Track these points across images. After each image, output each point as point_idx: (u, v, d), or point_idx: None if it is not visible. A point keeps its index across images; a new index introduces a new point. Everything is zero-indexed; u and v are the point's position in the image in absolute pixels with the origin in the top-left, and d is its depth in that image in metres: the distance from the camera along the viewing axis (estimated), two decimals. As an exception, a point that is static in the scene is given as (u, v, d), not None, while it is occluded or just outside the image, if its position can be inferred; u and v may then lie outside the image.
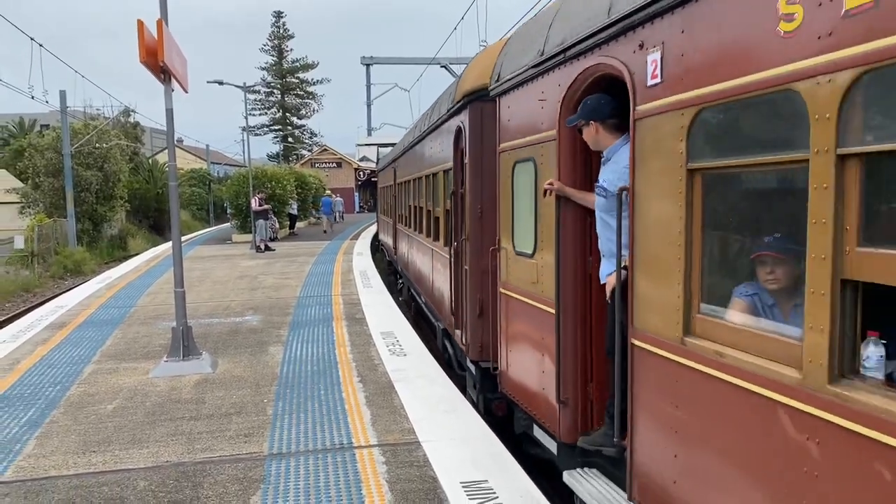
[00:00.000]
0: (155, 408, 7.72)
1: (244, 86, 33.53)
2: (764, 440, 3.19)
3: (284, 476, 5.82)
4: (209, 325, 12.25)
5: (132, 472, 6.00)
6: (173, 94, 9.28)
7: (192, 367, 9.17)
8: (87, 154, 34.76)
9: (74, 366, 9.60)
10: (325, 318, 12.67)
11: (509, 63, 6.71)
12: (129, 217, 44.72)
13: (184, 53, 9.78)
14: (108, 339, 11.33)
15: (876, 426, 2.59)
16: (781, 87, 3.04)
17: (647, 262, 4.23)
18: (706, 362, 3.59)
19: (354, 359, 9.60)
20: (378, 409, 7.43)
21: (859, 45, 2.63)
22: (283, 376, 8.83)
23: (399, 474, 5.77)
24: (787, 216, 3.43)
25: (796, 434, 2.99)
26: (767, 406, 3.14)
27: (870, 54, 2.59)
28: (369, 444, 6.45)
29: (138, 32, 8.31)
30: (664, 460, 4.05)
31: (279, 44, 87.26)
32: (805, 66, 2.90)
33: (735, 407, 3.39)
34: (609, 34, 4.59)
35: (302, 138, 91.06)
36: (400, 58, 54.16)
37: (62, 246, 31.76)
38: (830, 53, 2.76)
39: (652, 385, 4.21)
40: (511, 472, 5.78)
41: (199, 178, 61.86)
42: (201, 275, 19.61)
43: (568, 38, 5.22)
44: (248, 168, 32.03)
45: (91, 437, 6.86)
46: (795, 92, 2.96)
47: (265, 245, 27.11)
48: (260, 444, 6.55)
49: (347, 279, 17.99)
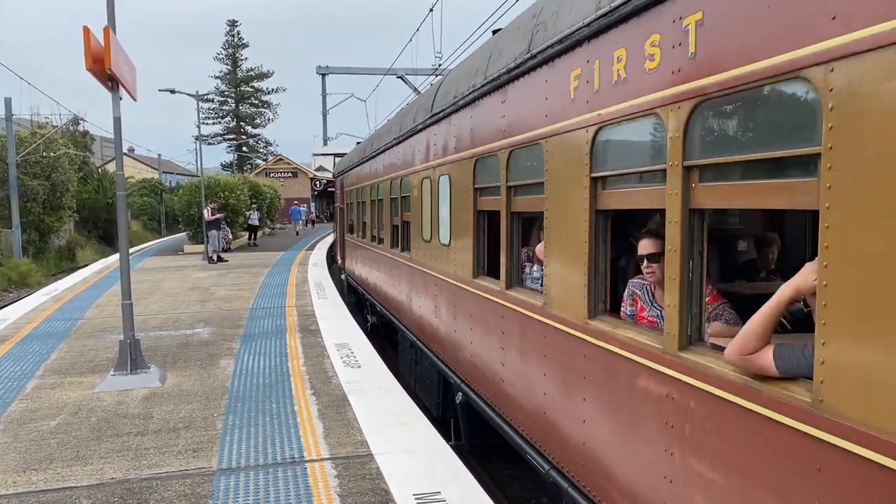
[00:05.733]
0: (100, 423, 7.52)
1: (197, 94, 33.07)
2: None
3: (234, 491, 5.71)
4: (158, 337, 12.01)
5: (75, 490, 5.83)
6: (123, 103, 9.11)
7: (140, 381, 8.96)
8: (34, 163, 33.85)
9: (16, 381, 9.31)
10: (278, 329, 12.52)
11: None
12: (78, 227, 43.63)
13: (132, 61, 9.61)
14: (52, 352, 11.02)
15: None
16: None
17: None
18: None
19: (308, 371, 9.49)
20: (331, 422, 7.36)
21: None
22: (234, 390, 8.68)
23: (351, 488, 5.71)
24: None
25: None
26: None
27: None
28: (321, 458, 6.37)
29: (84, 39, 8.13)
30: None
31: (233, 52, 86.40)
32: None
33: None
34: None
35: (257, 148, 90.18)
36: (356, 68, 53.95)
37: (6, 257, 30.80)
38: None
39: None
40: (465, 483, 5.76)
41: (151, 187, 60.79)
42: (151, 286, 19.22)
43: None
44: (201, 178, 31.57)
45: (32, 454, 6.65)
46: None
47: (218, 256, 26.71)
48: (209, 459, 6.42)
49: (302, 290, 17.82)
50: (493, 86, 6.43)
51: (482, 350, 7.13)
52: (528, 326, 5.82)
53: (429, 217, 9.28)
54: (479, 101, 6.95)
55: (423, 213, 9.62)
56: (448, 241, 8.31)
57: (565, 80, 4.93)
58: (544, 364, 5.52)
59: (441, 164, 8.53)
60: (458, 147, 7.84)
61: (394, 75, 34.65)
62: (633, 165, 4.36)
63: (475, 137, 7.18)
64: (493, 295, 6.67)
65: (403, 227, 11.53)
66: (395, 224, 12.24)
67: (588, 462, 4.81)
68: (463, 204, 7.66)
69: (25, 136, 35.14)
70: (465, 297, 7.63)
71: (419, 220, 9.86)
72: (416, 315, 10.29)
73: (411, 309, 10.63)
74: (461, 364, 7.91)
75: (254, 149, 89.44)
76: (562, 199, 5.11)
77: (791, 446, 2.91)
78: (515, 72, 5.82)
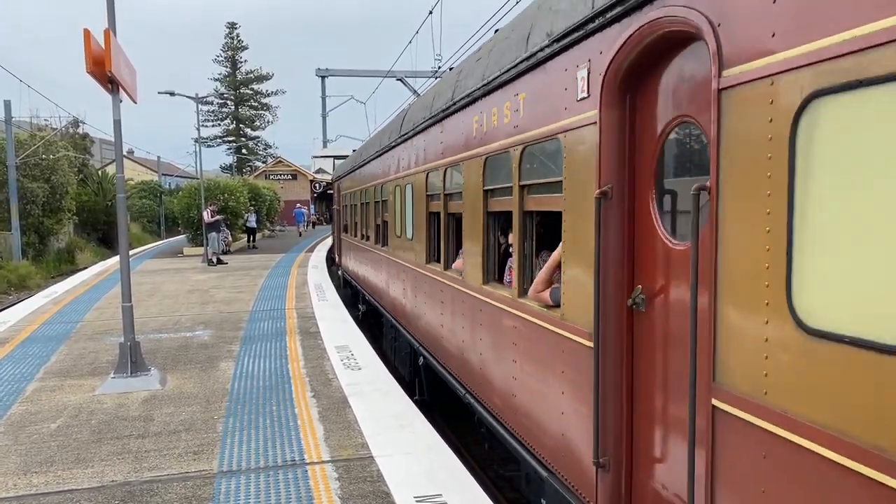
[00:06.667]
0: (101, 426, 7.51)
1: (196, 97, 33.07)
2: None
3: (234, 494, 5.71)
4: (158, 340, 12.00)
5: (76, 492, 5.83)
6: (123, 105, 9.11)
7: (140, 383, 8.96)
8: (34, 165, 33.85)
9: (16, 383, 9.30)
10: (278, 332, 12.52)
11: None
12: (78, 230, 43.61)
13: (132, 63, 9.61)
14: (53, 355, 11.01)
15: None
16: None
17: None
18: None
19: (308, 373, 9.49)
20: (331, 425, 7.35)
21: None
22: (234, 392, 8.68)
23: (352, 490, 5.70)
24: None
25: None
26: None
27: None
28: (322, 460, 6.37)
29: (84, 42, 8.13)
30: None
31: (233, 55, 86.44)
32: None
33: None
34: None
35: (256, 150, 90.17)
36: (356, 70, 54.02)
37: (6, 260, 30.79)
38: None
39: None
40: (466, 485, 5.76)
41: (150, 189, 60.76)
42: (151, 289, 19.22)
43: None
44: (201, 180, 31.57)
45: (33, 457, 6.64)
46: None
47: (217, 258, 26.70)
48: (209, 462, 6.41)
49: (302, 292, 17.82)
50: (434, 119, 8.63)
51: (432, 318, 9.18)
52: (455, 294, 7.95)
53: (399, 217, 11.50)
54: (428, 130, 9.14)
55: (395, 214, 11.90)
56: (411, 236, 10.50)
57: (471, 122, 7.14)
58: (462, 319, 7.67)
59: (406, 175, 10.82)
60: (416, 163, 10.02)
61: (393, 77, 34.69)
62: (501, 183, 6.35)
63: (427, 156, 9.32)
64: (436, 274, 8.86)
65: (383, 226, 13.83)
66: (377, 223, 14.54)
67: (483, 381, 7.00)
68: (419, 207, 9.82)
69: (25, 138, 35.15)
70: (421, 279, 9.81)
71: (393, 220, 12.13)
72: (391, 297, 12.55)
73: (389, 293, 12.84)
74: (420, 333, 10.01)
75: (253, 151, 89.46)
76: (470, 204, 7.23)
77: (554, 340, 5.19)
78: (446, 111, 8.02)
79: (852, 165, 2.60)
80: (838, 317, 2.65)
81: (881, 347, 2.45)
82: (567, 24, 4.71)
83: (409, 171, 10.50)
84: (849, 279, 2.62)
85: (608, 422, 4.40)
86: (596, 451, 4.43)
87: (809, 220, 2.77)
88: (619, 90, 4.24)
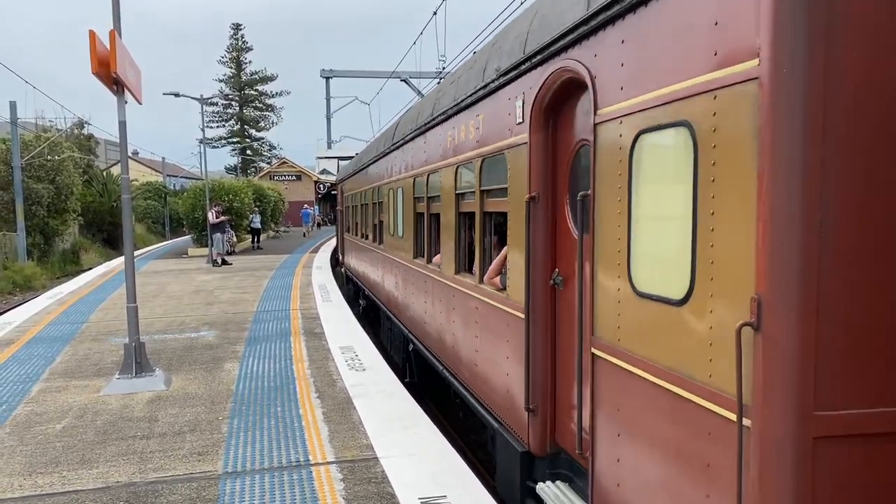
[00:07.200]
0: (106, 426, 7.52)
1: (201, 98, 33.09)
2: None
3: (239, 495, 5.71)
4: (163, 341, 12.02)
5: (81, 493, 5.83)
6: (127, 106, 9.12)
7: (145, 384, 8.97)
8: (39, 166, 33.92)
9: (22, 384, 9.32)
10: (282, 332, 12.52)
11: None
12: (83, 231, 43.71)
13: (137, 64, 9.62)
14: (58, 356, 11.03)
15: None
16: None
17: None
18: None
19: (312, 374, 9.49)
20: (336, 426, 7.35)
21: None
22: (239, 393, 8.69)
23: (356, 491, 5.70)
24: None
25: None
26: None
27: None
28: (326, 461, 6.37)
29: (90, 43, 8.15)
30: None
31: (237, 56, 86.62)
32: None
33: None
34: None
35: (260, 151, 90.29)
36: (360, 71, 54.14)
37: (11, 261, 30.87)
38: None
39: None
40: (471, 487, 5.75)
41: (155, 190, 60.85)
42: (156, 289, 19.25)
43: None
44: (205, 181, 31.61)
45: (38, 457, 6.65)
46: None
47: (222, 259, 26.71)
48: (214, 463, 6.41)
49: (306, 293, 17.83)
50: (419, 131, 9.90)
51: (419, 307, 10.26)
52: (435, 284, 9.07)
53: (393, 217, 12.72)
54: (414, 140, 10.45)
55: (390, 214, 13.17)
56: (402, 234, 11.72)
57: (446, 135, 8.31)
58: (440, 305, 8.77)
59: (398, 179, 12.06)
60: (406, 168, 11.31)
61: (398, 78, 34.69)
62: (468, 189, 7.53)
63: (414, 163, 10.54)
64: (421, 268, 10.04)
65: (379, 225, 14.99)
66: (374, 223, 15.70)
67: (455, 357, 8.09)
68: (408, 208, 11.06)
69: (30, 139, 35.22)
70: (410, 272, 11.04)
71: (388, 219, 13.42)
72: (386, 290, 13.80)
73: (384, 287, 14.11)
74: (409, 321, 11.17)
75: (258, 152, 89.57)
76: (446, 206, 8.38)
77: (502, 316, 6.33)
78: (428, 125, 9.25)
79: (654, 179, 3.89)
80: (647, 281, 3.93)
81: (664, 300, 3.70)
82: (510, 63, 5.96)
83: (401, 176, 11.81)
84: (649, 255, 3.93)
85: (537, 376, 5.67)
86: (527, 399, 5.70)
87: (635, 215, 4.02)
88: (544, 118, 5.49)
